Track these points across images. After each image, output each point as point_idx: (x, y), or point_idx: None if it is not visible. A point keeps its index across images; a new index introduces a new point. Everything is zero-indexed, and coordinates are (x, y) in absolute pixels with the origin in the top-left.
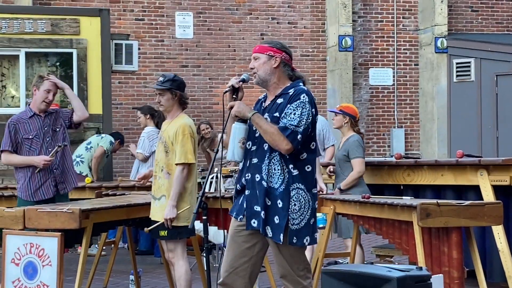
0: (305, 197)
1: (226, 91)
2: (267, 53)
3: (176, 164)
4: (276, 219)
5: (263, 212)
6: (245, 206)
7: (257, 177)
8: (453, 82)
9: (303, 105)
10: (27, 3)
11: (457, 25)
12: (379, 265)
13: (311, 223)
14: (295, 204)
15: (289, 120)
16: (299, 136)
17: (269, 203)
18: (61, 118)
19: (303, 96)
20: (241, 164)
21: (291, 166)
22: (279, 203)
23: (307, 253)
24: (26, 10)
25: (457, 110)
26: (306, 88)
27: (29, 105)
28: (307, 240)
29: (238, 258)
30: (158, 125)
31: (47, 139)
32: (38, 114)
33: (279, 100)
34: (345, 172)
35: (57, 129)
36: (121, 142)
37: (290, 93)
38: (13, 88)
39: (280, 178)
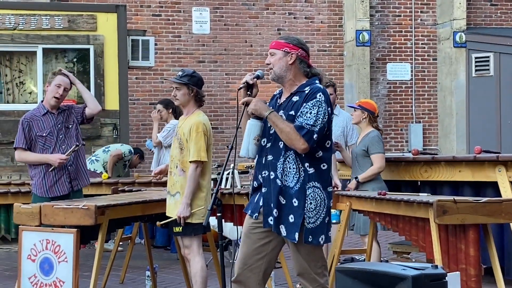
0: (321, 195)
1: (241, 88)
2: (283, 49)
3: (190, 162)
4: (291, 218)
5: (275, 210)
6: (261, 203)
7: (272, 175)
8: (471, 77)
9: (319, 104)
10: None
11: (476, 19)
12: (394, 263)
13: (326, 221)
14: (311, 203)
15: (305, 119)
16: (315, 136)
17: (283, 202)
18: (73, 114)
19: (319, 95)
20: (256, 161)
21: (306, 164)
22: (295, 202)
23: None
24: (43, 7)
25: (476, 105)
26: (322, 87)
27: (42, 102)
28: (322, 239)
29: (252, 255)
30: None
31: (61, 136)
32: (51, 112)
33: (295, 98)
34: (363, 168)
35: (70, 126)
36: (141, 157)
37: (306, 91)
38: (31, 84)
39: (296, 177)
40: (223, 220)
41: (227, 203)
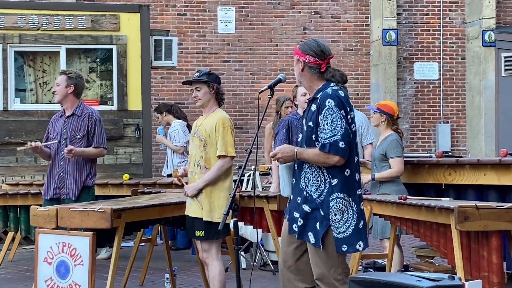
0: (346, 204)
1: (262, 91)
2: (296, 57)
3: (218, 157)
4: (318, 226)
5: (300, 219)
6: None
7: (298, 184)
8: (501, 77)
9: (331, 111)
10: None
11: (506, 18)
12: (409, 273)
13: (360, 227)
14: (335, 214)
15: (322, 135)
16: (341, 144)
17: (309, 210)
18: (86, 124)
19: (328, 102)
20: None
21: (330, 176)
22: (320, 211)
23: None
24: (66, 7)
25: (505, 105)
26: (330, 92)
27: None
28: (360, 246)
29: (289, 257)
30: (179, 118)
31: (62, 141)
32: (64, 115)
33: (313, 107)
34: (380, 171)
35: (78, 135)
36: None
37: (318, 99)
38: (54, 84)
39: (320, 189)
40: (242, 222)
41: (247, 206)
